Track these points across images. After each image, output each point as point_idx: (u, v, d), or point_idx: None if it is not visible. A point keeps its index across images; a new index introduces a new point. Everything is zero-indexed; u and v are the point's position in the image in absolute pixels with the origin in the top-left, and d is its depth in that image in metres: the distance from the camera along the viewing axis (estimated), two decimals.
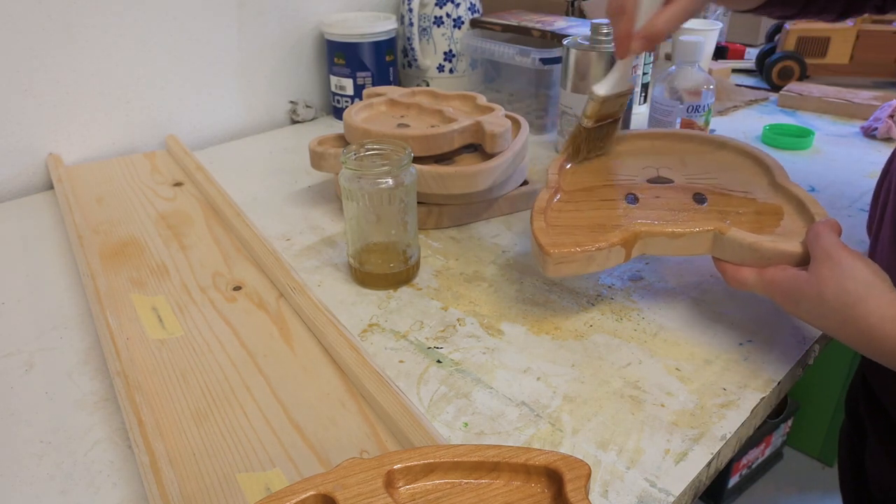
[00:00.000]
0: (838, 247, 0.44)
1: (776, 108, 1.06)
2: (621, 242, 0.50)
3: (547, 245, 0.50)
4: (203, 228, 0.71)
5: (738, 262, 0.50)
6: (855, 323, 0.42)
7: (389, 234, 0.60)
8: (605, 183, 0.60)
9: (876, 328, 0.41)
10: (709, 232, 0.51)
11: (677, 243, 0.51)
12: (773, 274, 0.47)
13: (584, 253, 0.49)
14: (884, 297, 0.41)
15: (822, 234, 0.46)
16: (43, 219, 0.76)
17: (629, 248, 0.51)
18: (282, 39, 1.02)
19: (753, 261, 0.49)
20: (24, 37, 0.78)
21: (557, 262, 0.49)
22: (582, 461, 0.35)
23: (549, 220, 0.54)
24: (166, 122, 0.94)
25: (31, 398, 0.49)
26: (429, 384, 0.50)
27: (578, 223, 0.54)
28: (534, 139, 0.95)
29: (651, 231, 0.51)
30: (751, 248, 0.49)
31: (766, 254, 0.48)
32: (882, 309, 0.41)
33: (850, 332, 0.43)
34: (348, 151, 0.57)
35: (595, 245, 0.49)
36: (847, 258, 0.43)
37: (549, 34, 0.94)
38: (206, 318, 0.57)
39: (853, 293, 0.42)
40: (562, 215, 0.55)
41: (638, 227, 0.51)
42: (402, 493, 0.35)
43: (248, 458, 0.43)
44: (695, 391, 0.48)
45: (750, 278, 0.49)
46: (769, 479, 1.46)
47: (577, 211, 0.55)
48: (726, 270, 0.51)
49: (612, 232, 0.51)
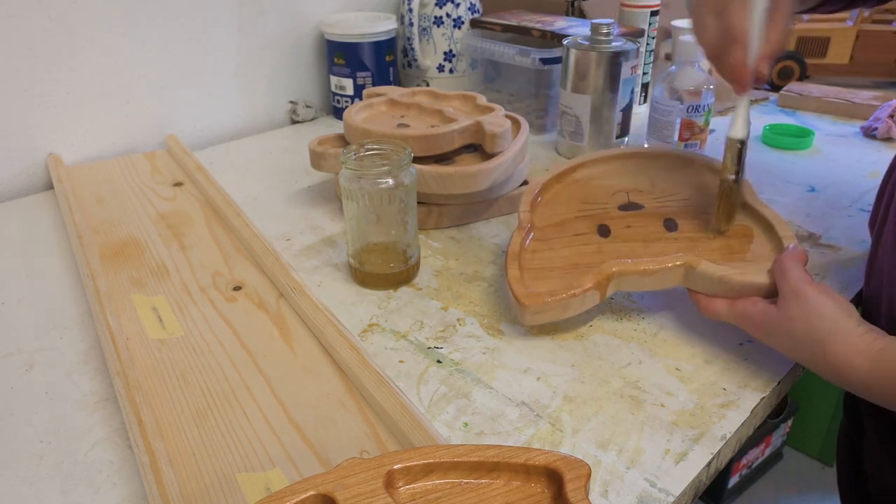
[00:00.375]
0: (805, 283, 0.45)
1: (776, 108, 1.06)
2: (595, 286, 0.51)
3: (522, 297, 0.51)
4: (203, 228, 0.71)
5: (710, 292, 0.51)
6: (825, 358, 0.43)
7: (389, 234, 0.60)
8: (577, 214, 0.60)
9: (844, 363, 0.42)
10: (680, 267, 0.52)
11: (651, 279, 0.52)
12: (744, 308, 0.48)
13: (560, 302, 0.50)
14: (851, 332, 0.42)
15: (788, 268, 0.47)
16: (43, 219, 0.76)
17: (603, 289, 0.52)
18: (282, 39, 1.02)
19: (724, 292, 0.50)
20: (24, 37, 0.78)
21: (534, 313, 0.51)
22: (582, 461, 0.35)
23: (523, 263, 0.55)
24: (166, 122, 0.94)
25: (31, 398, 0.49)
26: (429, 384, 0.50)
27: (553, 265, 0.55)
28: (534, 139, 0.95)
29: (624, 271, 0.52)
30: (720, 281, 0.50)
31: (735, 286, 0.49)
32: (850, 344, 0.42)
33: (820, 365, 0.44)
34: (348, 151, 0.57)
35: (569, 292, 0.50)
36: (814, 295, 0.44)
37: (549, 34, 0.94)
38: (206, 318, 0.57)
39: (821, 330, 0.43)
40: (536, 256, 0.56)
41: (610, 269, 0.52)
42: (402, 493, 0.35)
43: (248, 458, 0.43)
44: (695, 391, 0.49)
45: (722, 310, 0.50)
46: (769, 479, 1.46)
47: (550, 251, 0.56)
48: (700, 301, 0.52)
49: (585, 275, 0.52)
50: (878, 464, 0.56)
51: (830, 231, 0.69)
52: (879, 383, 0.41)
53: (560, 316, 0.51)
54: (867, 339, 0.42)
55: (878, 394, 0.42)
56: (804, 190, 0.79)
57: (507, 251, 0.55)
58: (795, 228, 0.70)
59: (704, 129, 0.85)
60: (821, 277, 0.62)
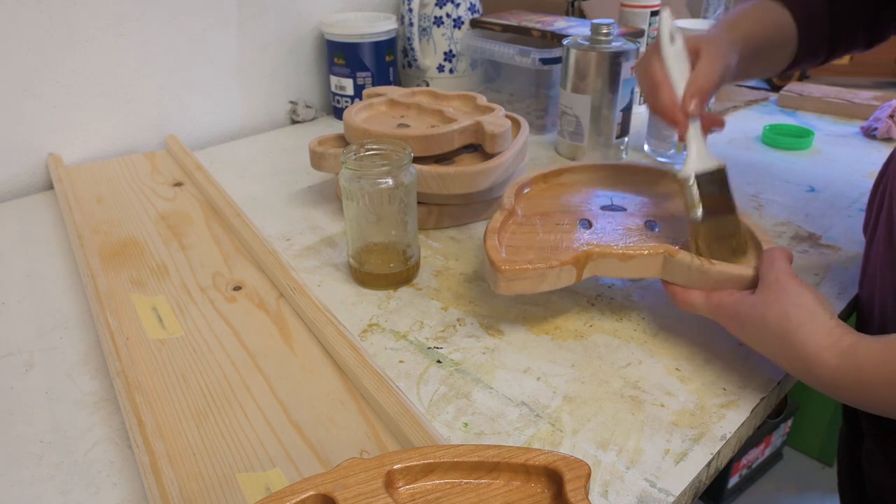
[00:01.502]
0: (788, 274, 0.45)
1: (776, 109, 1.06)
2: (573, 262, 0.51)
3: (498, 262, 0.50)
4: (203, 228, 0.71)
5: (688, 284, 0.51)
6: (793, 349, 0.42)
7: (389, 234, 0.60)
8: (560, 209, 0.60)
9: (812, 356, 0.41)
10: (659, 254, 0.51)
11: (628, 265, 0.52)
12: (720, 298, 0.48)
13: (536, 270, 0.50)
14: (823, 325, 0.42)
15: (776, 259, 0.46)
16: (43, 219, 0.76)
17: (580, 268, 0.52)
18: (282, 39, 1.02)
19: (702, 283, 0.50)
20: (24, 37, 0.78)
21: (509, 280, 0.50)
22: (582, 461, 0.35)
23: (502, 240, 0.55)
24: (166, 122, 0.94)
25: (31, 398, 0.49)
26: (429, 384, 0.50)
27: (532, 244, 0.55)
28: (534, 139, 0.95)
29: (602, 252, 0.52)
30: (699, 271, 0.49)
31: (713, 276, 0.49)
32: (819, 337, 0.41)
33: (788, 357, 0.43)
34: (348, 151, 0.57)
35: (547, 263, 0.50)
36: (795, 285, 0.44)
37: (549, 34, 0.94)
38: (206, 318, 0.57)
39: (794, 319, 0.43)
40: (516, 237, 0.56)
41: (590, 248, 0.52)
42: (402, 493, 0.35)
43: (248, 458, 0.43)
44: (695, 391, 0.49)
45: (698, 301, 0.50)
46: (769, 479, 1.46)
47: (531, 233, 0.56)
48: (675, 293, 0.51)
49: (563, 252, 0.52)
50: (875, 467, 0.56)
51: (830, 231, 0.69)
52: (846, 381, 0.40)
53: (535, 288, 0.51)
54: (837, 334, 0.41)
55: (845, 391, 0.41)
56: (804, 190, 0.79)
57: (487, 227, 0.55)
58: (795, 228, 0.70)
59: None
60: (820, 278, 0.62)
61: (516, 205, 0.60)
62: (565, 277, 0.51)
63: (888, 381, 0.38)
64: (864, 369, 0.39)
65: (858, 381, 0.39)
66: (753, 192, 0.78)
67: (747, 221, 0.54)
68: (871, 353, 0.39)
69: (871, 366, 0.39)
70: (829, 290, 0.60)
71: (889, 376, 0.38)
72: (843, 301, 0.58)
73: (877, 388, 0.39)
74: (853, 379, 0.40)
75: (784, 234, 0.69)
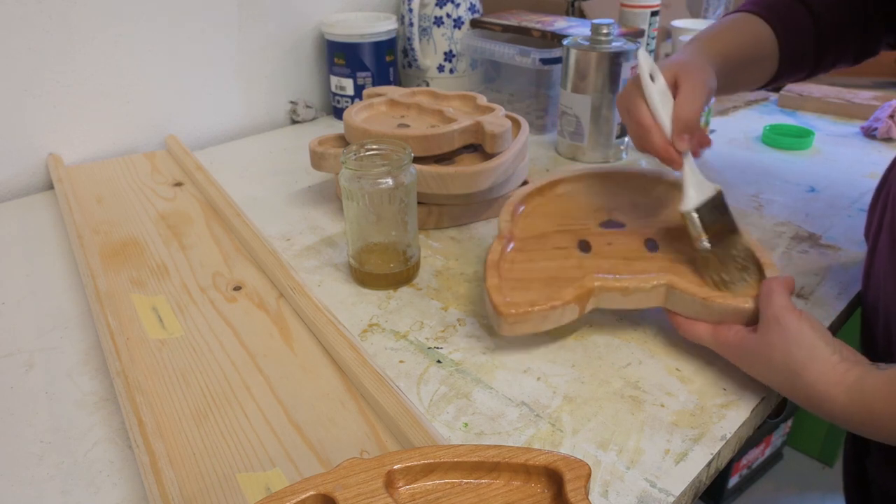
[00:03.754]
0: (787, 310, 0.45)
1: (776, 109, 1.06)
2: (575, 300, 0.50)
3: (501, 305, 0.49)
4: (203, 228, 0.71)
5: (691, 315, 0.51)
6: (803, 389, 0.43)
7: (389, 234, 0.60)
8: (558, 228, 0.59)
9: (821, 393, 0.42)
10: (661, 286, 0.51)
11: (630, 298, 0.52)
12: (726, 336, 0.48)
13: (540, 312, 0.50)
14: (827, 362, 0.42)
15: (774, 293, 0.46)
16: (43, 219, 0.76)
17: (583, 304, 0.51)
18: (282, 40, 1.02)
19: (704, 315, 0.50)
20: (24, 37, 0.78)
21: (512, 323, 0.50)
22: (582, 461, 0.35)
23: (502, 272, 0.54)
24: (166, 122, 0.94)
25: (31, 398, 0.49)
26: (429, 384, 0.50)
27: (532, 276, 0.54)
28: (534, 139, 0.95)
29: (604, 286, 0.51)
30: (703, 304, 0.49)
31: (717, 309, 0.49)
32: (826, 375, 0.42)
33: (799, 396, 0.44)
34: (348, 151, 0.57)
35: (549, 304, 0.50)
36: (794, 321, 0.44)
37: (549, 34, 0.94)
38: (206, 318, 0.57)
39: (798, 359, 0.43)
40: (515, 267, 0.55)
41: (591, 283, 0.51)
42: (402, 494, 0.35)
43: (248, 458, 0.43)
44: (695, 391, 0.49)
45: (704, 335, 0.50)
46: (769, 479, 1.46)
47: (530, 262, 0.55)
48: (680, 325, 0.51)
49: (566, 288, 0.51)
50: (880, 470, 0.56)
51: (830, 231, 0.69)
52: (856, 415, 0.41)
53: (538, 328, 0.51)
54: (841, 370, 0.42)
55: (857, 425, 0.42)
56: (804, 190, 0.79)
57: (487, 260, 0.54)
58: (795, 228, 0.70)
59: (704, 129, 0.85)
60: (820, 278, 0.62)
61: (513, 228, 0.59)
62: (568, 314, 0.51)
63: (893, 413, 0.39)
64: (872, 404, 0.40)
65: (867, 415, 0.40)
66: (753, 192, 0.78)
67: (749, 240, 0.54)
68: (876, 386, 0.40)
69: (878, 400, 0.40)
70: (829, 290, 0.60)
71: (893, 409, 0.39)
72: (843, 301, 0.58)
73: (885, 420, 0.40)
74: (862, 414, 0.41)
75: (784, 234, 0.69)
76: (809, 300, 0.59)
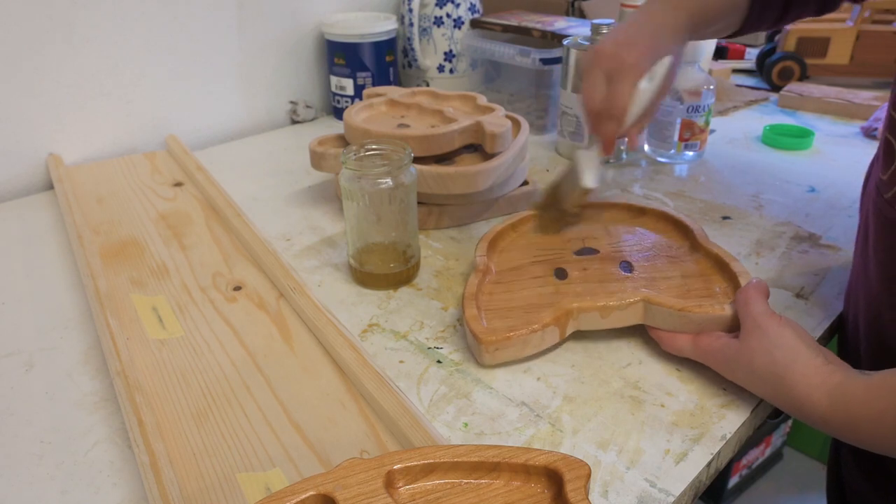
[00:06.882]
0: (766, 315, 0.45)
1: (776, 109, 1.06)
2: (554, 322, 0.50)
3: (480, 334, 0.49)
4: (203, 228, 0.71)
5: (671, 328, 0.51)
6: (786, 392, 0.43)
7: (389, 234, 0.60)
8: (533, 260, 0.59)
9: (804, 397, 0.42)
10: (638, 302, 0.51)
11: (610, 318, 0.52)
12: (707, 343, 0.48)
13: (519, 337, 0.49)
14: (809, 364, 0.42)
15: (751, 300, 0.47)
16: (43, 219, 0.76)
17: (562, 326, 0.51)
18: (282, 39, 1.02)
19: (684, 327, 0.50)
20: (24, 37, 0.78)
21: (493, 350, 0.49)
22: (582, 461, 0.35)
23: (480, 304, 0.54)
24: (166, 122, 0.94)
25: (31, 398, 0.49)
26: (429, 384, 0.50)
27: (511, 305, 0.54)
28: (534, 139, 0.95)
29: (582, 308, 0.51)
30: (681, 315, 0.50)
31: (695, 319, 0.49)
32: (808, 378, 0.42)
33: (782, 401, 0.44)
34: (348, 151, 0.57)
35: (529, 328, 0.50)
36: (774, 327, 0.44)
37: (549, 34, 0.94)
38: (206, 319, 0.57)
39: (780, 362, 0.43)
40: (493, 298, 0.55)
41: (569, 305, 0.51)
42: (402, 493, 0.35)
43: (248, 458, 0.43)
44: (695, 391, 0.49)
45: (685, 346, 0.50)
46: (769, 479, 1.46)
47: (508, 292, 0.55)
48: (662, 339, 0.51)
49: (544, 311, 0.51)
50: (851, 473, 0.56)
51: (830, 231, 0.69)
52: (836, 419, 0.41)
53: (520, 353, 0.50)
54: (824, 373, 0.41)
55: (836, 429, 0.41)
56: (804, 190, 0.79)
57: (464, 293, 0.54)
58: (795, 228, 0.70)
59: (704, 129, 0.85)
60: (820, 278, 0.62)
61: (490, 261, 0.59)
62: (549, 338, 0.51)
63: (874, 419, 0.39)
64: (852, 409, 0.40)
65: (847, 420, 0.40)
66: (753, 192, 0.78)
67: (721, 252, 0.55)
68: (857, 392, 0.40)
69: (858, 405, 0.40)
70: (829, 290, 0.60)
71: (874, 415, 0.39)
72: (842, 301, 0.58)
73: (866, 425, 0.39)
74: (843, 418, 0.41)
75: (784, 234, 0.69)
76: (809, 300, 0.59)
